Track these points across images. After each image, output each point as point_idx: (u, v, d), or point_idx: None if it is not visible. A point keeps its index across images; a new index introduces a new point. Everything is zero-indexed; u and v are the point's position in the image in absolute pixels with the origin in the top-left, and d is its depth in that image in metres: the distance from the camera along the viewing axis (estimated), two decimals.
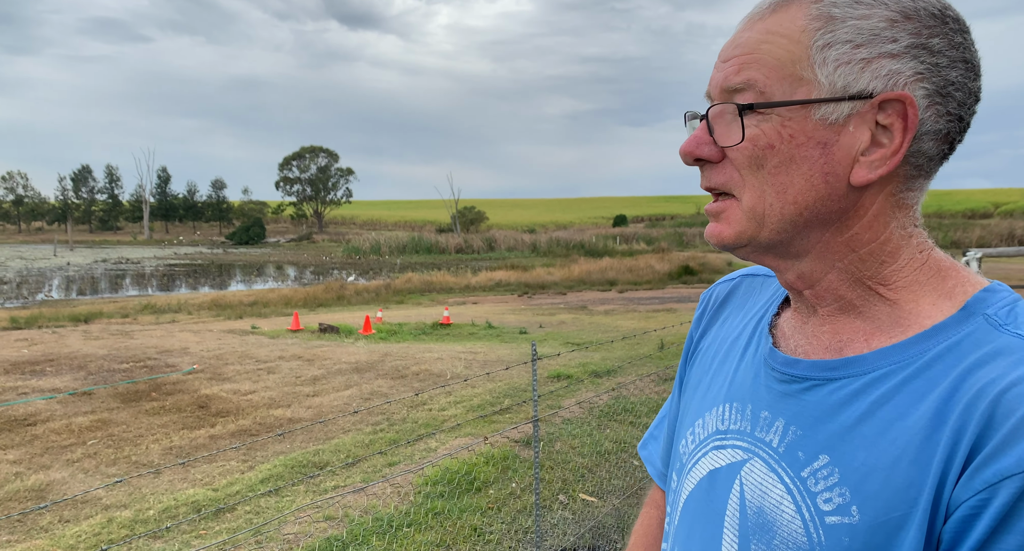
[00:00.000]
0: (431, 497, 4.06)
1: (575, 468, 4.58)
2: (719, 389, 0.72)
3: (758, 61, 0.59)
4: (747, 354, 0.70)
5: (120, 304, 17.25)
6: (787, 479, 0.60)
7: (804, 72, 0.58)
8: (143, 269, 33.74)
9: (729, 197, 0.62)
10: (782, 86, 0.58)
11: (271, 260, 40.38)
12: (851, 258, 0.61)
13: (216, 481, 4.52)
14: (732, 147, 0.60)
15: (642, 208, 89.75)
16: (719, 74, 0.62)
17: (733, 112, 0.60)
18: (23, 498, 4.32)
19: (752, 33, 0.61)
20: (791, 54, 0.58)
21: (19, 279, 27.36)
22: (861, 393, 0.58)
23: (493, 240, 40.81)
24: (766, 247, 0.62)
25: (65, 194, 79.74)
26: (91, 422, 5.91)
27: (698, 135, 0.62)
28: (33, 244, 58.18)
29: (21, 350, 9.24)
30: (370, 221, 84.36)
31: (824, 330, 0.63)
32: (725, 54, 0.63)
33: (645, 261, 24.72)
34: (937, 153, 0.59)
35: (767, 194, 0.60)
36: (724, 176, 0.62)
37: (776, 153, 0.59)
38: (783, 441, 0.61)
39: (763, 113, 0.59)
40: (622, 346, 9.05)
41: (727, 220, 0.63)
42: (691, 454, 0.72)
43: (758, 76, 0.59)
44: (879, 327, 0.60)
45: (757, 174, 0.60)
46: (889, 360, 0.58)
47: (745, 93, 0.60)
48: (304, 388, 7.11)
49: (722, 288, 0.82)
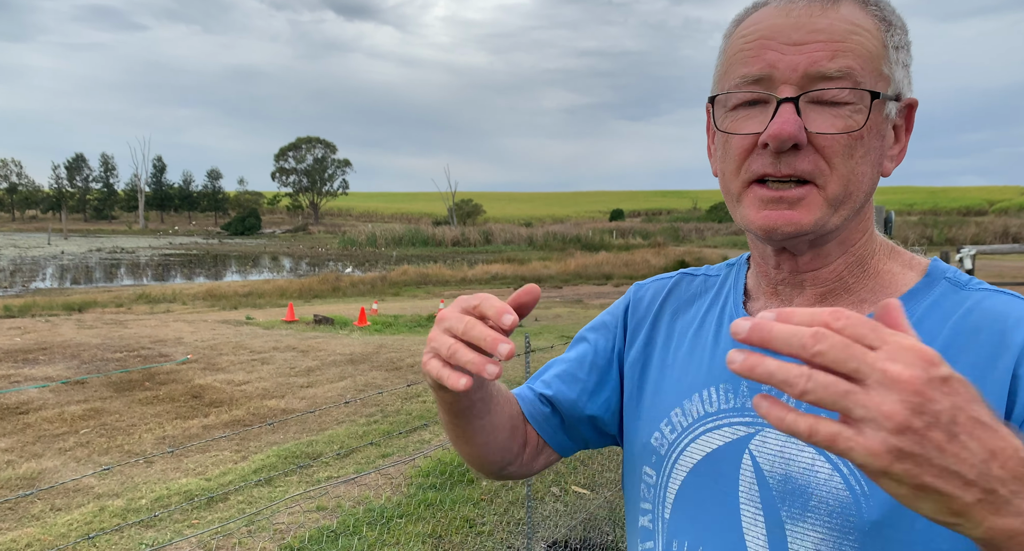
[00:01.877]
0: (424, 488, 4.06)
1: (567, 460, 4.60)
2: (695, 377, 0.71)
3: (853, 50, 0.60)
4: (721, 342, 0.71)
5: (114, 293, 17.19)
6: None
7: (884, 68, 0.62)
8: (138, 259, 33.61)
9: (806, 184, 0.62)
10: (872, 78, 0.61)
11: (266, 251, 40.26)
12: (861, 240, 0.67)
13: (209, 471, 4.52)
14: (828, 134, 0.61)
15: (639, 202, 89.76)
16: (798, 57, 0.60)
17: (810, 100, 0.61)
18: (14, 486, 4.31)
19: (831, 21, 0.60)
20: (876, 49, 0.61)
21: (12, 267, 27.23)
22: None
23: (490, 233, 40.78)
24: (825, 233, 0.64)
25: (59, 182, 79.30)
26: (84, 411, 5.90)
27: (795, 119, 0.60)
28: (27, 233, 57.88)
29: (14, 338, 9.21)
30: (366, 213, 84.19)
31: (816, 305, 0.67)
32: (795, 37, 0.61)
33: (641, 255, 24.75)
34: None
35: (851, 182, 0.62)
36: (810, 164, 0.61)
37: (863, 143, 0.62)
38: (801, 406, 0.60)
39: (854, 103, 0.60)
40: None
41: (807, 207, 0.62)
42: (672, 443, 0.70)
43: (856, 65, 0.60)
44: (864, 299, 0.67)
45: (847, 162, 0.61)
46: None
47: (841, 80, 0.60)
48: (298, 379, 7.11)
49: (660, 284, 0.83)
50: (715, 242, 36.13)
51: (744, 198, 0.65)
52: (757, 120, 0.63)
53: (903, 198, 76.57)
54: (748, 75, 0.62)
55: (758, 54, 0.61)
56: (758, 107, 0.63)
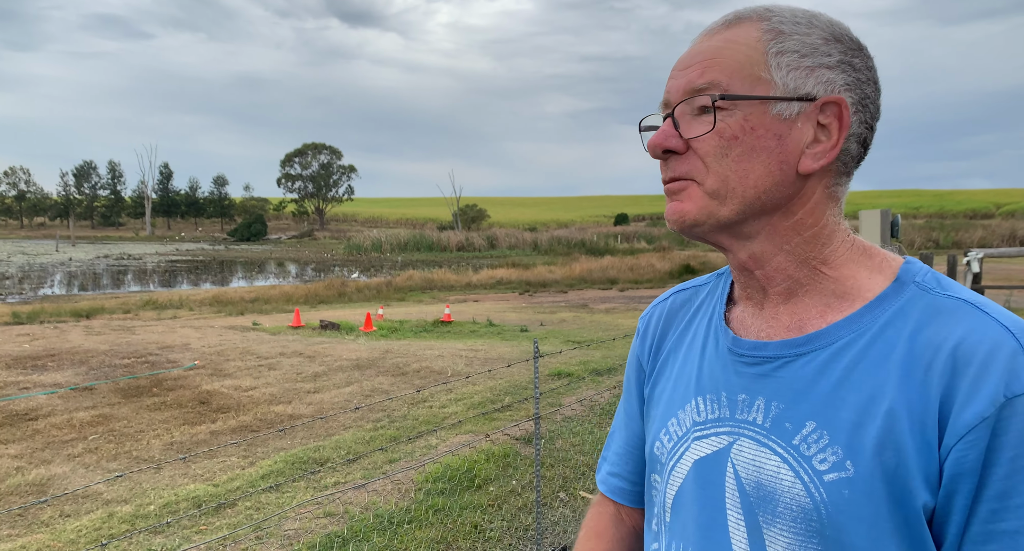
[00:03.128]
0: (432, 494, 4.06)
1: (576, 466, 4.58)
2: (686, 387, 0.76)
3: (719, 64, 0.67)
4: (707, 351, 0.76)
5: (122, 300, 17.26)
6: (779, 450, 0.65)
7: (762, 73, 0.66)
8: (145, 265, 33.75)
9: (689, 180, 0.69)
10: (743, 85, 0.66)
11: (272, 257, 40.37)
12: (797, 240, 0.69)
13: (217, 477, 4.52)
14: (699, 137, 0.67)
15: (643, 207, 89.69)
16: (680, 81, 0.69)
17: (697, 110, 0.68)
18: (24, 492, 4.33)
19: (711, 43, 0.69)
20: (750, 58, 0.67)
21: (21, 274, 27.38)
22: (831, 362, 0.65)
23: (494, 238, 40.79)
24: (723, 226, 0.69)
25: (67, 190, 79.78)
26: (92, 417, 5.92)
27: (666, 130, 0.69)
28: (35, 239, 58.22)
29: (23, 345, 9.25)
30: (371, 218, 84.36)
31: (781, 311, 0.71)
32: (683, 63, 0.70)
33: (646, 260, 24.71)
34: (857, 154, 0.69)
35: (730, 178, 0.67)
36: (688, 166, 0.69)
37: (740, 143, 0.66)
38: (767, 417, 0.67)
39: (727, 108, 0.66)
40: (623, 344, 9.05)
41: (689, 197, 0.69)
42: (670, 452, 0.76)
43: (721, 76, 0.67)
44: (828, 303, 0.68)
45: (722, 161, 0.67)
46: (847, 330, 0.66)
47: (706, 91, 0.67)
48: (305, 385, 7.12)
49: (661, 308, 0.88)
50: None
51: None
52: None
53: (909, 201, 76.27)
54: (661, 102, 0.72)
55: (666, 84, 0.71)
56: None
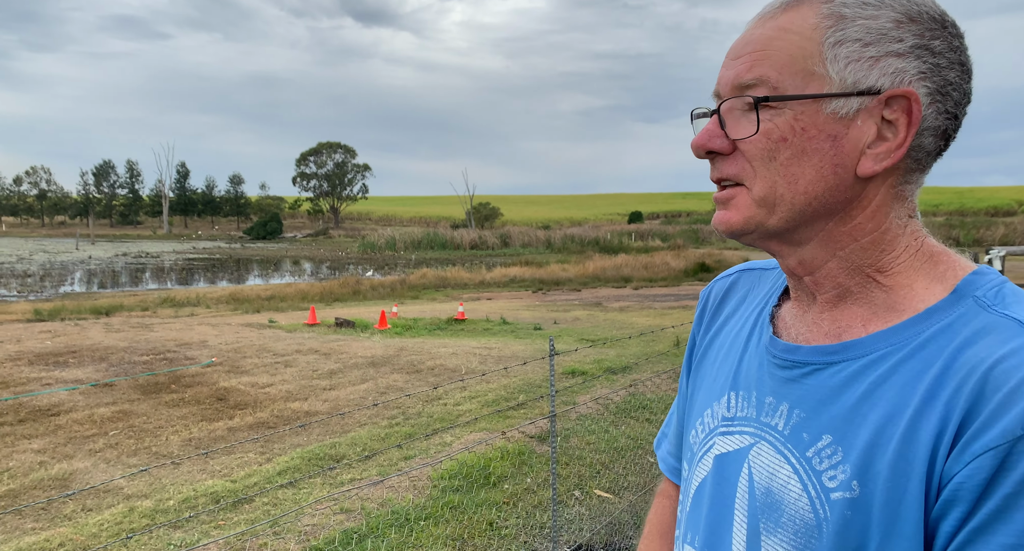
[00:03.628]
0: (447, 491, 4.07)
1: (590, 464, 4.58)
2: (724, 380, 0.75)
3: (770, 57, 0.61)
4: (750, 345, 0.73)
5: (140, 297, 17.48)
6: (793, 460, 0.63)
7: (816, 67, 0.60)
8: (162, 263, 34.16)
9: (738, 186, 0.65)
10: (794, 81, 0.61)
11: (288, 255, 40.68)
12: (852, 247, 0.63)
13: (234, 472, 4.57)
14: (745, 139, 0.62)
15: (657, 205, 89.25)
16: (729, 72, 0.64)
17: (745, 106, 0.63)
18: (47, 486, 4.40)
19: (763, 30, 0.63)
20: (803, 50, 0.61)
21: (42, 272, 27.83)
22: (859, 375, 0.61)
23: (507, 236, 40.79)
24: (772, 234, 0.64)
25: (87, 189, 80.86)
26: (112, 413, 6.00)
27: (710, 129, 0.65)
28: (56, 238, 59.12)
29: (45, 342, 9.41)
30: (385, 217, 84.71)
31: (824, 317, 0.66)
32: (735, 52, 0.65)
33: (661, 258, 24.59)
34: (934, 149, 0.62)
35: (779, 184, 0.62)
36: (735, 168, 0.64)
37: (789, 145, 0.61)
38: (788, 424, 0.65)
39: (776, 107, 0.61)
40: (637, 343, 9.01)
41: (736, 207, 0.65)
42: (701, 443, 0.75)
43: (770, 72, 0.61)
44: (875, 312, 0.63)
45: (769, 165, 0.62)
46: (886, 342, 0.61)
47: (757, 88, 0.62)
48: (321, 382, 7.17)
49: (720, 285, 0.84)
50: (735, 244, 35.76)
51: None
52: None
53: (929, 199, 75.23)
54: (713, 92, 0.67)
55: (719, 72, 0.66)
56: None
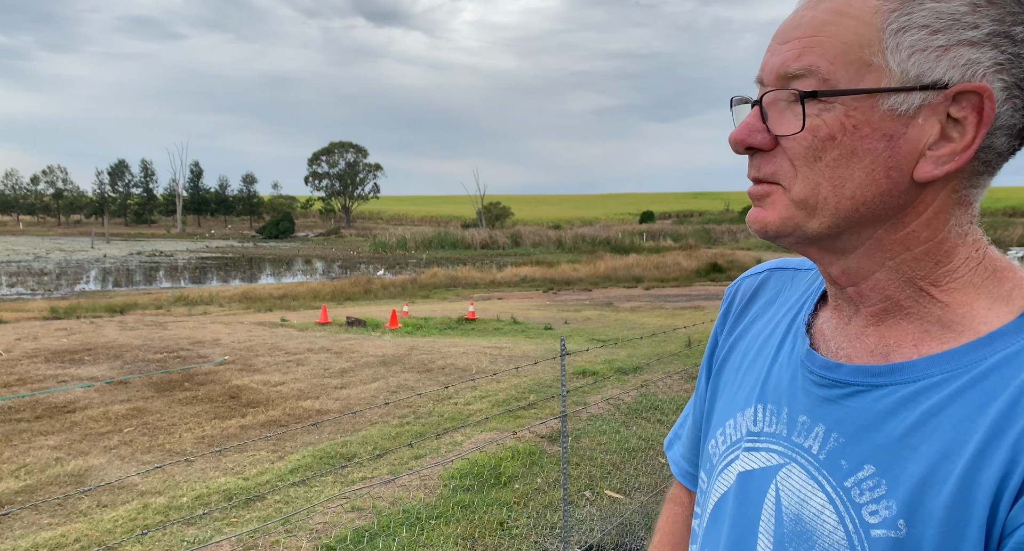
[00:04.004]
0: (458, 490, 4.08)
1: (601, 464, 4.57)
2: (750, 389, 0.69)
3: (821, 45, 0.55)
4: (781, 354, 0.67)
5: (154, 296, 17.65)
6: (828, 488, 0.58)
7: (874, 58, 0.54)
8: (176, 262, 34.47)
9: (775, 184, 0.59)
10: (848, 72, 0.54)
11: (300, 254, 40.92)
12: (904, 256, 0.57)
13: (247, 470, 4.60)
14: (789, 137, 0.56)
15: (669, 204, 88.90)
16: (775, 58, 0.57)
17: (791, 99, 0.56)
18: (63, 482, 4.45)
19: (815, 12, 0.56)
20: (860, 38, 0.54)
21: (58, 270, 28.18)
22: (910, 401, 0.55)
23: (518, 236, 40.79)
24: (812, 239, 0.58)
25: (102, 188, 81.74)
26: (127, 410, 6.06)
27: (750, 122, 0.58)
28: (72, 237, 59.82)
29: (61, 339, 9.52)
30: (396, 216, 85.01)
31: (869, 332, 0.60)
32: (783, 35, 0.58)
33: (672, 258, 24.50)
34: (1007, 149, 0.55)
35: (822, 187, 0.56)
36: (775, 166, 0.58)
37: (837, 145, 0.55)
38: (824, 448, 0.59)
39: (826, 102, 0.54)
40: (649, 343, 8.98)
41: (772, 205, 0.59)
42: (722, 455, 0.70)
43: (821, 62, 0.54)
44: (929, 331, 0.57)
45: (813, 166, 0.56)
46: (941, 368, 0.54)
47: (806, 79, 0.55)
48: (332, 380, 7.20)
49: (749, 282, 0.78)
50: (748, 244, 35.57)
51: None
52: None
53: None
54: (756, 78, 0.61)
55: (764, 56, 0.60)
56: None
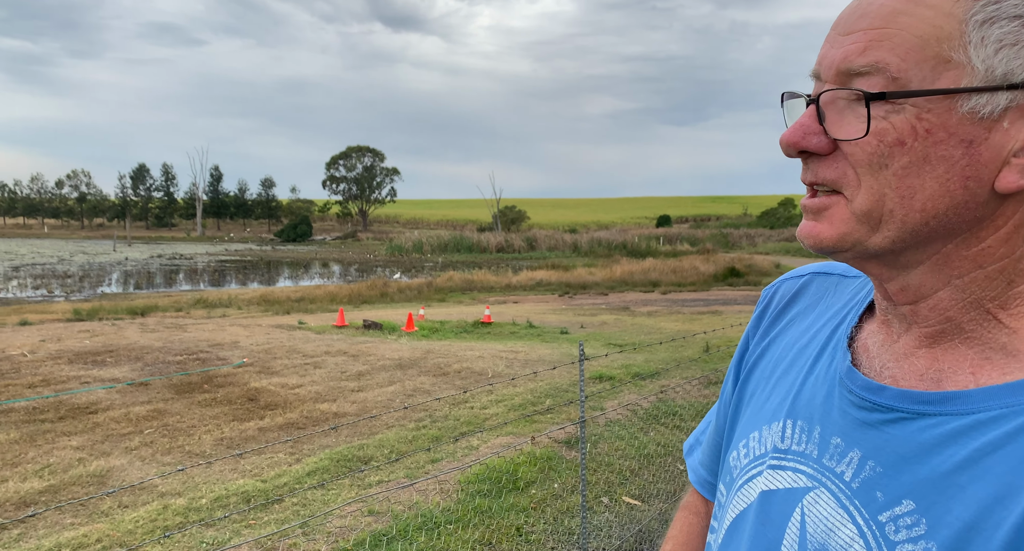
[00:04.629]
0: (474, 495, 4.07)
1: (619, 471, 4.53)
2: (780, 402, 0.65)
3: (891, 38, 0.49)
4: (818, 367, 0.63)
5: (174, 298, 17.88)
6: (860, 520, 0.53)
7: (954, 53, 0.48)
8: (195, 264, 34.91)
9: (835, 193, 0.53)
10: (922, 70, 0.48)
11: (317, 257, 41.25)
12: (975, 275, 0.52)
13: (265, 473, 4.63)
14: (851, 141, 0.51)
15: (686, 208, 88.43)
16: (836, 51, 0.52)
17: (852, 98, 0.51)
18: (86, 483, 4.51)
19: (884, 3, 0.51)
20: (938, 30, 0.48)
21: (81, 273, 28.67)
22: (962, 436, 0.50)
23: (534, 239, 40.80)
24: (872, 254, 0.53)
25: (124, 192, 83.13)
26: (148, 412, 6.13)
27: (806, 123, 0.53)
28: (95, 240, 60.85)
29: (84, 341, 9.67)
30: (413, 220, 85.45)
31: (920, 354, 0.55)
32: (846, 25, 0.52)
33: (689, 262, 24.34)
34: None
35: (888, 198, 0.51)
36: (835, 172, 0.53)
37: (907, 151, 0.49)
38: (858, 476, 0.55)
39: (895, 103, 0.49)
40: (666, 348, 8.92)
41: (830, 219, 0.54)
42: (743, 469, 0.67)
43: (891, 58, 0.49)
44: (990, 358, 0.52)
45: (878, 174, 0.50)
46: (1001, 401, 0.49)
47: (871, 77, 0.50)
48: (349, 383, 7.23)
49: (788, 286, 0.73)
50: (766, 249, 35.27)
51: None
52: None
53: None
54: (812, 72, 0.56)
55: (821, 46, 0.55)
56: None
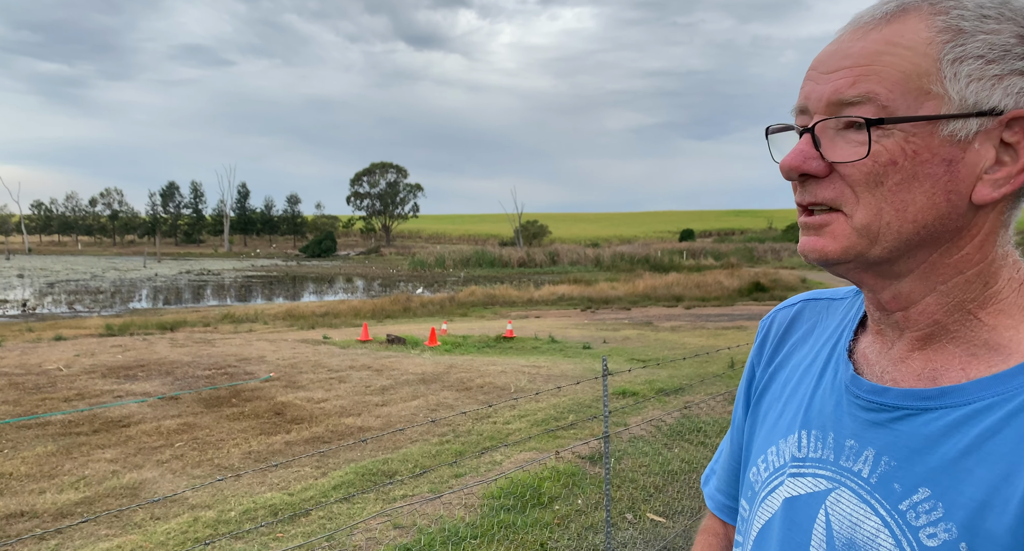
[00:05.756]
0: (498, 510, 4.08)
1: (643, 487, 4.51)
2: (793, 416, 0.70)
3: (878, 73, 0.57)
4: (823, 381, 0.69)
5: (202, 313, 18.21)
6: (882, 511, 0.59)
7: (932, 86, 0.56)
8: (223, 280, 35.52)
9: (834, 211, 0.60)
10: (906, 100, 0.56)
11: (341, 272, 41.71)
12: (956, 280, 0.59)
13: (291, 486, 4.69)
14: (850, 163, 0.58)
15: (710, 222, 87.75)
16: (824, 87, 0.59)
17: (840, 126, 0.58)
18: (119, 495, 4.61)
19: (866, 43, 0.58)
20: (917, 67, 0.56)
21: (113, 289, 29.35)
22: (963, 424, 0.56)
23: (556, 254, 40.80)
24: (870, 264, 0.60)
25: (154, 209, 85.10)
26: (178, 425, 6.25)
27: (804, 149, 0.60)
28: (126, 256, 62.27)
29: (116, 356, 9.90)
30: (435, 235, 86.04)
31: (914, 356, 0.62)
32: (828, 65, 0.60)
33: (713, 277, 24.12)
34: None
35: (885, 211, 0.58)
36: (833, 191, 0.59)
37: (899, 170, 0.57)
38: (875, 471, 0.60)
39: (884, 128, 0.56)
40: (690, 364, 8.85)
41: (832, 234, 0.60)
42: (764, 482, 0.71)
43: (879, 89, 0.56)
44: (976, 354, 0.59)
45: (875, 191, 0.57)
46: (992, 391, 0.56)
47: (863, 106, 0.57)
48: (373, 398, 7.30)
49: (783, 314, 0.80)
50: (792, 263, 34.81)
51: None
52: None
53: None
54: (794, 107, 0.63)
55: (803, 86, 0.62)
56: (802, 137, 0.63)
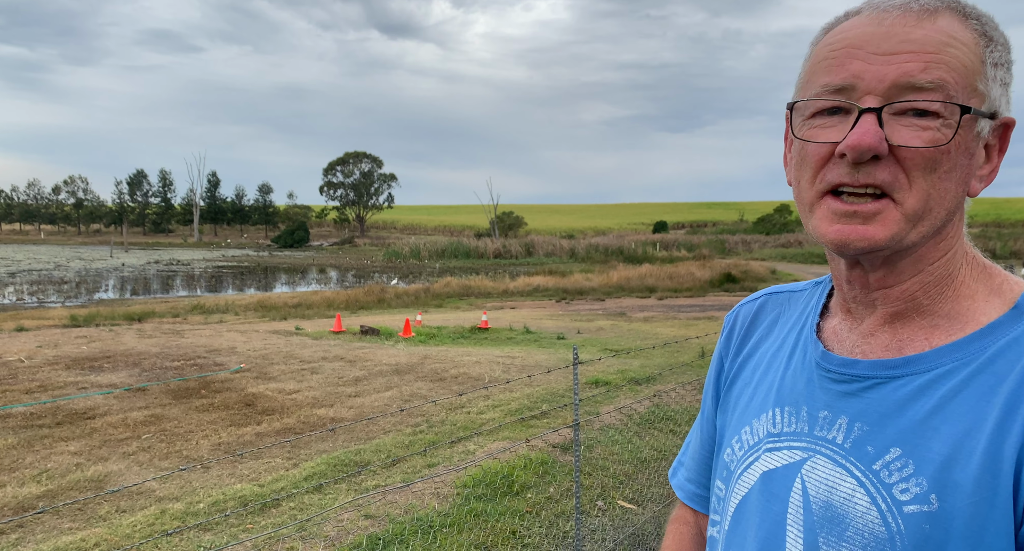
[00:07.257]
0: (470, 499, 4.09)
1: (614, 474, 4.57)
2: (764, 397, 0.73)
3: (947, 63, 0.58)
4: (793, 362, 0.72)
5: (171, 304, 17.86)
6: (857, 473, 0.62)
7: (979, 84, 0.60)
8: (193, 270, 34.86)
9: (883, 198, 0.60)
10: (964, 93, 0.59)
11: (314, 263, 41.22)
12: (940, 261, 0.64)
13: (262, 477, 4.65)
14: (918, 149, 0.59)
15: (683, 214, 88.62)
16: (887, 68, 0.59)
17: (893, 111, 0.59)
18: (83, 488, 4.52)
19: (927, 32, 0.59)
20: (972, 64, 0.60)
21: (78, 279, 28.60)
22: (927, 389, 0.60)
23: (531, 245, 40.85)
24: (898, 250, 0.62)
25: (121, 198, 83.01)
26: (145, 417, 6.14)
27: (876, 130, 0.59)
28: (91, 245, 60.70)
29: (81, 347, 9.67)
30: (410, 225, 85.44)
31: (882, 330, 0.66)
32: (885, 47, 0.59)
33: (686, 268, 24.40)
34: None
35: (932, 198, 0.60)
36: (890, 175, 0.60)
37: (949, 159, 0.60)
38: (849, 437, 0.63)
39: (945, 117, 0.58)
40: (662, 353, 8.96)
41: (883, 222, 0.60)
42: (740, 460, 0.73)
43: (950, 78, 0.58)
44: (937, 325, 0.63)
45: (928, 177, 0.59)
46: (951, 357, 0.61)
47: (932, 93, 0.58)
48: (346, 389, 7.25)
49: (747, 308, 0.84)
50: (762, 255, 35.34)
51: (817, 209, 0.63)
52: (837, 129, 0.61)
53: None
54: (830, 84, 0.61)
55: (843, 64, 0.61)
56: (838, 116, 0.62)
